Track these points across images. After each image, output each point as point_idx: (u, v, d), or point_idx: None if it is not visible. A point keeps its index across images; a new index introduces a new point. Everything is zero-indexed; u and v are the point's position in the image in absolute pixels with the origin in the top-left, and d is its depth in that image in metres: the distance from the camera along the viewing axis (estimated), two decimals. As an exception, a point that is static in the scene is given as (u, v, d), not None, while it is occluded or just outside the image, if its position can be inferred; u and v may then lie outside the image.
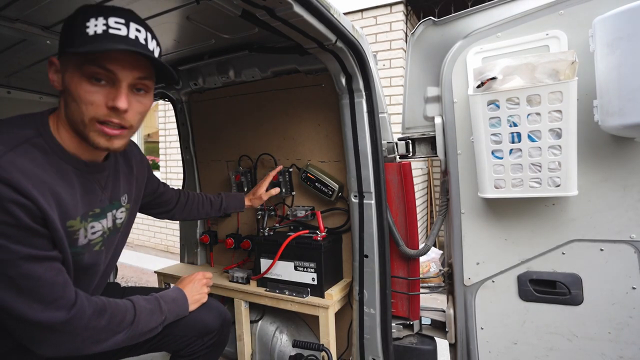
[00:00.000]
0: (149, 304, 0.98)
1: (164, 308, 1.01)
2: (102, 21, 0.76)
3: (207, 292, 1.22)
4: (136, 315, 0.92)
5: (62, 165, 0.82)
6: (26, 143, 0.77)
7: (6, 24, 1.16)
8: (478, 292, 1.26)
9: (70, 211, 0.82)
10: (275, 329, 1.77)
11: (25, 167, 0.73)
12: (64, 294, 0.78)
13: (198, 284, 1.20)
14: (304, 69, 1.58)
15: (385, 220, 1.38)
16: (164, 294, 1.07)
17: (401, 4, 3.79)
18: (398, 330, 1.48)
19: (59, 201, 0.79)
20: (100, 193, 0.93)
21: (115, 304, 0.89)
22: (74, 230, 0.85)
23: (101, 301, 0.87)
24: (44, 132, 0.81)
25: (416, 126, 1.41)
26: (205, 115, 2.01)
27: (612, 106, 0.91)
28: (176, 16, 1.23)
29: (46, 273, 0.75)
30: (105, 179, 0.96)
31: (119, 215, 1.03)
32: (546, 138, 1.01)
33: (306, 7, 0.99)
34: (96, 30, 0.76)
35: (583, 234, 1.11)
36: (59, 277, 0.78)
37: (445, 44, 1.29)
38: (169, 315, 1.02)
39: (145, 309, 0.95)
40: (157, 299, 1.02)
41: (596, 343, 1.11)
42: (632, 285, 1.06)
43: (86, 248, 0.90)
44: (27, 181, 0.72)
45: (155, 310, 0.99)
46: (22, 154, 0.74)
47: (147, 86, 0.85)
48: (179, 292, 1.12)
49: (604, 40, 0.91)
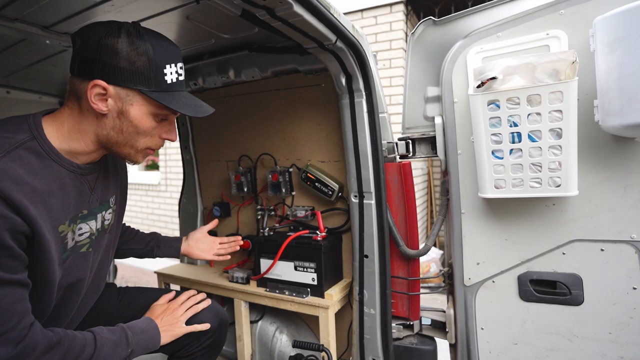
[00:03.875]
0: (113, 336, 0.92)
1: (131, 340, 0.95)
2: (175, 69, 0.87)
3: (187, 317, 1.13)
4: (96, 349, 0.86)
5: (56, 168, 0.82)
6: (20, 147, 0.76)
7: (5, 24, 1.15)
8: (478, 292, 1.25)
9: (60, 216, 0.82)
10: (275, 329, 1.77)
11: (17, 175, 0.72)
12: (16, 326, 0.72)
13: (169, 313, 1.11)
14: (304, 68, 1.58)
15: (385, 221, 1.38)
16: (132, 325, 1.00)
17: (401, 4, 3.79)
18: (398, 331, 1.48)
19: (50, 208, 0.79)
20: (89, 194, 0.94)
21: (72, 338, 0.84)
22: (64, 235, 0.85)
23: (57, 335, 0.81)
24: (37, 135, 0.81)
25: (416, 126, 1.41)
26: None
27: (613, 106, 0.91)
28: (176, 16, 1.23)
29: (4, 299, 0.71)
30: (95, 180, 0.97)
31: (107, 216, 1.03)
32: (546, 138, 1.01)
33: (306, 7, 0.98)
34: (172, 79, 0.87)
35: (583, 234, 1.11)
36: (18, 305, 0.73)
37: (446, 44, 1.29)
38: (136, 348, 0.96)
39: (108, 342, 0.90)
40: (123, 329, 0.96)
41: (597, 343, 1.11)
42: (633, 286, 1.06)
43: (73, 250, 0.90)
44: (18, 191, 0.71)
45: (120, 343, 0.92)
46: (15, 160, 0.74)
47: None
48: (150, 322, 1.05)
49: (604, 40, 0.91)
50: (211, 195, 2.07)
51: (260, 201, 1.86)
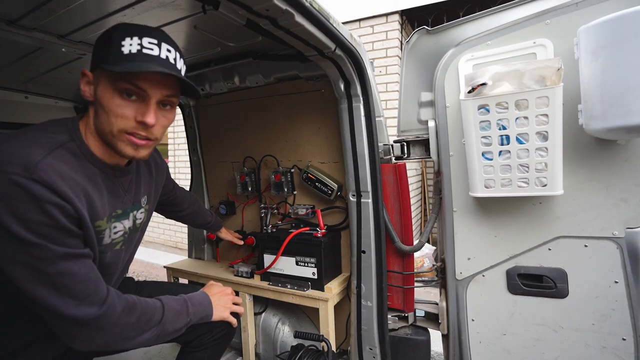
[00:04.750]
0: (177, 305, 0.96)
1: (191, 310, 0.98)
2: (136, 41, 0.77)
3: (234, 309, 1.14)
4: (164, 315, 0.90)
5: (91, 168, 0.83)
6: (61, 147, 0.77)
7: (23, 33, 1.16)
8: (469, 285, 1.25)
9: (98, 212, 0.83)
10: (278, 321, 1.77)
11: (62, 170, 0.73)
12: (96, 290, 0.77)
13: (227, 297, 1.14)
14: (304, 75, 1.58)
15: (381, 218, 1.38)
16: (192, 297, 1.03)
17: (396, 14, 3.79)
18: (393, 322, 1.48)
19: (90, 202, 0.79)
20: (123, 195, 0.94)
21: (145, 303, 0.88)
22: (101, 229, 0.85)
23: (132, 299, 0.85)
24: (75, 137, 0.81)
25: (411, 129, 1.41)
26: (212, 119, 2.01)
27: (596, 110, 0.91)
28: (184, 25, 1.23)
29: (80, 270, 0.75)
30: (129, 183, 0.96)
31: (139, 215, 1.03)
32: (533, 140, 1.01)
33: (307, 17, 0.99)
34: (131, 50, 0.76)
35: (568, 231, 1.11)
36: (91, 273, 0.78)
37: (438, 52, 1.29)
38: (193, 318, 0.99)
39: (173, 310, 0.93)
40: (185, 300, 0.99)
41: (581, 334, 1.11)
42: (615, 280, 1.06)
43: (109, 247, 0.90)
44: (64, 184, 0.72)
45: (183, 312, 0.96)
46: (59, 158, 0.74)
47: (172, 102, 0.86)
48: (206, 297, 1.08)
49: (588, 48, 0.91)
50: (217, 194, 2.07)
51: (264, 200, 1.86)
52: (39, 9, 1.04)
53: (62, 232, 0.72)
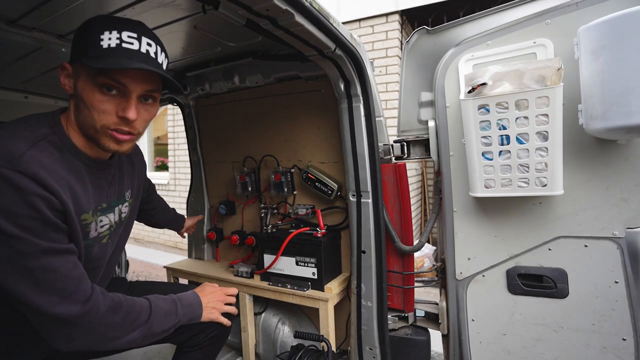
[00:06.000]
0: (166, 305, 0.94)
1: (180, 311, 0.97)
2: (115, 35, 0.76)
3: (225, 310, 1.12)
4: (151, 315, 0.88)
5: (75, 162, 0.82)
6: (44, 140, 0.76)
7: (23, 33, 1.16)
8: (469, 285, 1.25)
9: (83, 205, 0.82)
10: (278, 321, 1.76)
11: (46, 163, 0.73)
12: (79, 288, 0.76)
13: (216, 296, 1.12)
14: (304, 75, 1.58)
15: (381, 218, 1.38)
16: (181, 297, 1.02)
17: (396, 14, 3.79)
18: (393, 322, 1.48)
19: (75, 195, 0.79)
20: (107, 188, 0.93)
21: (131, 302, 0.86)
22: (87, 223, 0.84)
23: (117, 298, 0.83)
24: (57, 130, 0.81)
25: (411, 129, 1.41)
26: (212, 119, 2.01)
27: (596, 110, 0.91)
28: (184, 25, 1.23)
29: (63, 266, 0.73)
30: (112, 176, 0.96)
31: (124, 209, 1.03)
32: (533, 140, 1.01)
33: (307, 17, 0.98)
34: (110, 44, 0.75)
35: (568, 230, 1.11)
36: (75, 270, 0.76)
37: (438, 52, 1.29)
38: (182, 319, 0.98)
39: (161, 310, 0.91)
40: (174, 301, 0.98)
41: (581, 334, 1.11)
42: (615, 280, 1.06)
43: (96, 241, 0.90)
44: (49, 176, 0.71)
45: (171, 312, 0.94)
46: (42, 150, 0.74)
47: (154, 97, 0.85)
48: (196, 297, 1.06)
49: (588, 48, 0.91)
50: (217, 194, 2.07)
51: (264, 200, 1.86)
52: (38, 8, 1.04)
53: (47, 226, 0.71)
